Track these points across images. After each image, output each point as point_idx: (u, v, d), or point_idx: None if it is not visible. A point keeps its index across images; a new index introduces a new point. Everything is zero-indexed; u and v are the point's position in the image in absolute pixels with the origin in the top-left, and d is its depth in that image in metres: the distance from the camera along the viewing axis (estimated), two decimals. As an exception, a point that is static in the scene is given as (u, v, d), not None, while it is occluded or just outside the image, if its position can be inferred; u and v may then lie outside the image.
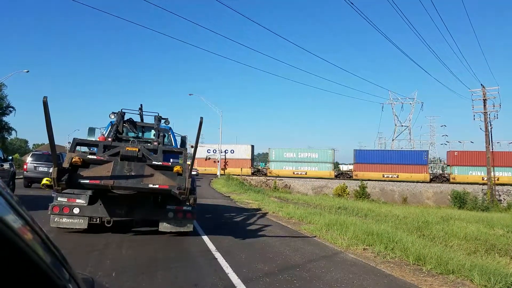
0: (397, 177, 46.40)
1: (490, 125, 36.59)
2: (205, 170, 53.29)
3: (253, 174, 52.99)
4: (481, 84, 37.67)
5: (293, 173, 50.64)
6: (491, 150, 37.26)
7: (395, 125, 67.03)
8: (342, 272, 6.13)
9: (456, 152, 48.28)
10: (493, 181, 36.78)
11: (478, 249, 11.35)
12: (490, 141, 36.96)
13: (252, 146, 57.05)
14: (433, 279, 6.00)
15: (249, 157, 55.03)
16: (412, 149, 52.20)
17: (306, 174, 50.40)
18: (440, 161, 68.95)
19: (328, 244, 8.62)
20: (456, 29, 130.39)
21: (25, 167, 17.64)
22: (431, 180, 46.15)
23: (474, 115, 37.59)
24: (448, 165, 49.61)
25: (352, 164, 55.67)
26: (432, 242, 10.51)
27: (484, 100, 36.81)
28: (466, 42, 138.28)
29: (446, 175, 47.64)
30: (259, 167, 59.75)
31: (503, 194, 40.49)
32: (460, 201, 35.94)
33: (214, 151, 53.69)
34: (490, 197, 35.70)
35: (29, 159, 17.93)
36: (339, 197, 37.70)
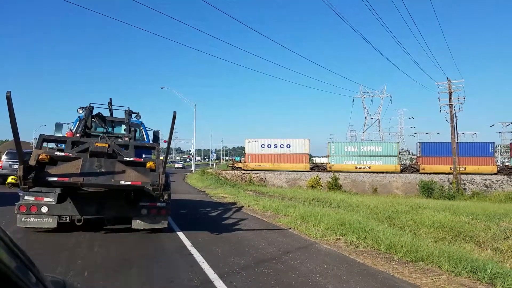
0: (465, 169, 44.34)
1: (456, 117, 38.17)
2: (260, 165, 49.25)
3: (311, 169, 49.72)
4: (447, 78, 39.12)
5: (356, 168, 47.81)
6: (456, 141, 38.86)
7: (365, 118, 68.74)
8: (316, 263, 6.24)
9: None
10: (458, 171, 38.43)
11: (445, 236, 11.85)
12: (456, 132, 38.55)
13: (309, 140, 52.46)
14: (404, 266, 6.21)
15: (307, 151, 50.98)
16: (479, 141, 48.69)
17: (370, 168, 47.64)
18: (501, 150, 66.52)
19: (302, 235, 8.74)
20: (424, 24, 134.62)
21: (0, 165, 18.34)
22: (498, 172, 45.27)
23: (440, 108, 39.03)
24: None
25: (326, 156, 54.74)
26: (402, 230, 10.87)
27: (450, 93, 38.25)
28: (433, 37, 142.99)
29: None
30: (316, 162, 55.34)
31: (468, 183, 42.44)
32: (427, 190, 37.36)
33: (269, 145, 50.52)
34: (455, 186, 37.31)
35: (4, 157, 18.79)
36: (313, 189, 38.29)
